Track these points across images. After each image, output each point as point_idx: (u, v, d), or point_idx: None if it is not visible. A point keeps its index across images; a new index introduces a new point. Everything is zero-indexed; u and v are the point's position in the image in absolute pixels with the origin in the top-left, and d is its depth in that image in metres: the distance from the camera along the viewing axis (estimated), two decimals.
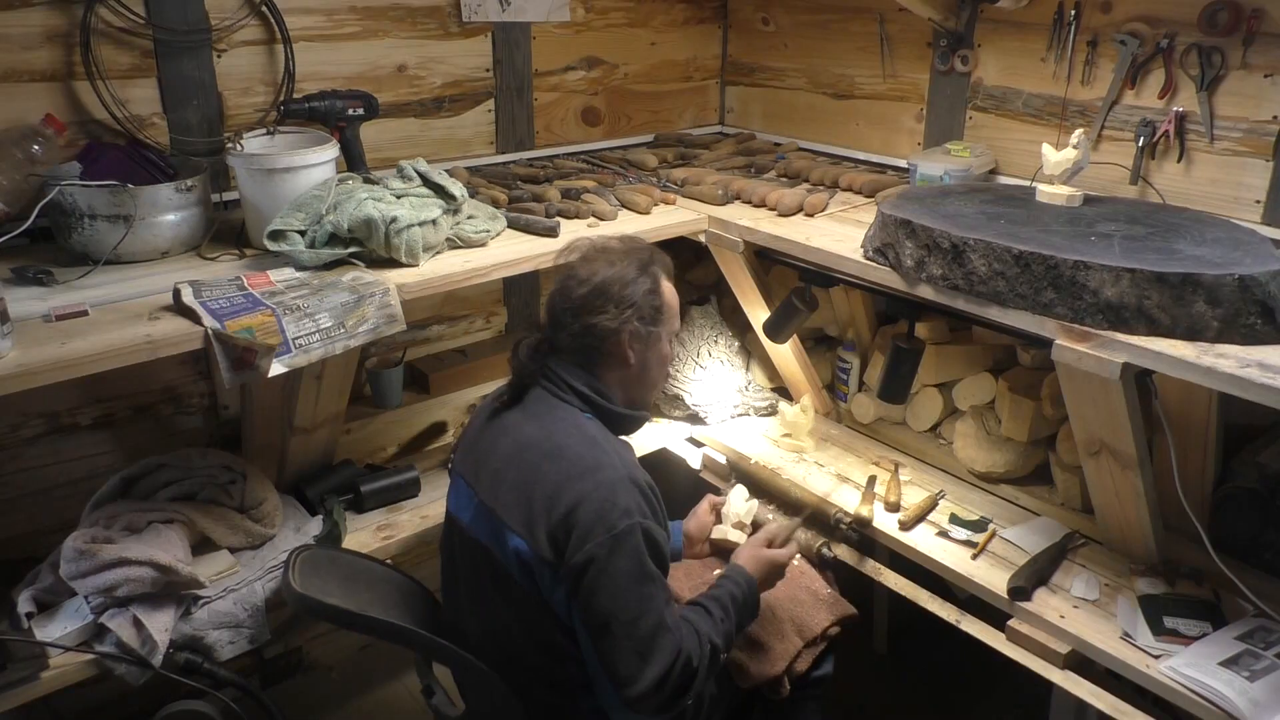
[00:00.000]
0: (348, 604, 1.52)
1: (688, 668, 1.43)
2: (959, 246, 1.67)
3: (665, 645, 1.41)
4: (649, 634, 1.40)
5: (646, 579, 1.42)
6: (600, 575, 1.39)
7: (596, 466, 1.46)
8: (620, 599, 1.40)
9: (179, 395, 2.16)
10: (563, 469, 1.47)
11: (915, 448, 2.31)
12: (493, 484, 1.54)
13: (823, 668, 1.82)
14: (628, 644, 1.39)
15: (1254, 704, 1.45)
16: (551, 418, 1.54)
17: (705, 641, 1.47)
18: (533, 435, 1.53)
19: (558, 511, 1.43)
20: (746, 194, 2.30)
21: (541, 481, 1.47)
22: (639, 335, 1.56)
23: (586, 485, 1.44)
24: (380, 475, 2.11)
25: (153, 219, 1.76)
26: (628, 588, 1.40)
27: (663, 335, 1.61)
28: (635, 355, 1.57)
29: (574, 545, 1.41)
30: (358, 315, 1.66)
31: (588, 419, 1.56)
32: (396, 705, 2.49)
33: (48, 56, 1.86)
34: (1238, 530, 1.81)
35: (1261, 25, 1.87)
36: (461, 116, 2.50)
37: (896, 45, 2.56)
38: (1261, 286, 1.47)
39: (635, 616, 1.40)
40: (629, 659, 1.39)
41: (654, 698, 1.40)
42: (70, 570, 1.60)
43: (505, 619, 1.54)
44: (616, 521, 1.41)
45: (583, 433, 1.52)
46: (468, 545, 1.58)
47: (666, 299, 1.61)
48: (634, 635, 1.39)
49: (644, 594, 1.41)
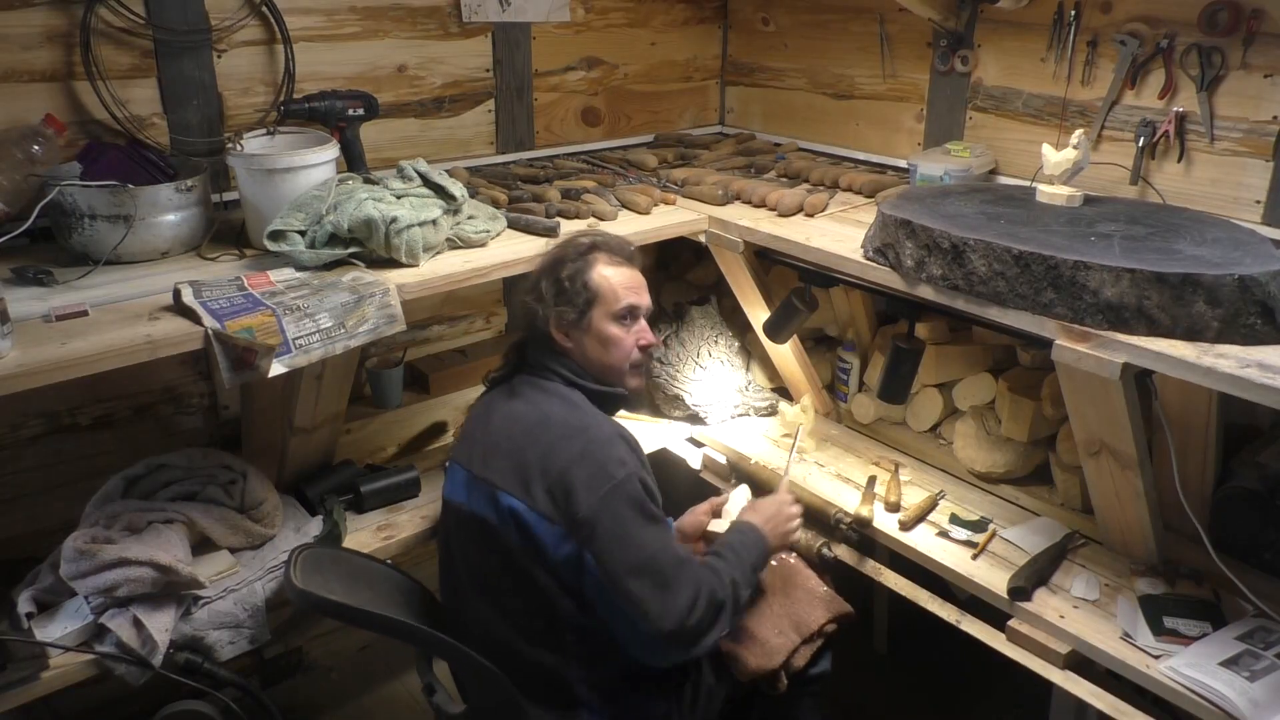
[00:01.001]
0: (349, 601, 1.53)
1: (713, 599, 1.50)
2: (959, 247, 1.67)
3: (686, 577, 1.49)
4: (669, 569, 1.48)
5: (651, 519, 1.52)
6: (612, 525, 1.48)
7: (584, 427, 1.58)
8: (635, 542, 1.48)
9: (179, 395, 2.16)
10: (553, 431, 1.57)
11: (915, 448, 2.31)
12: (485, 457, 1.63)
13: (820, 665, 1.83)
14: (650, 582, 1.47)
15: (1254, 704, 1.45)
16: (537, 392, 1.67)
17: (725, 576, 1.56)
18: (520, 409, 1.65)
19: (553, 469, 1.52)
20: (746, 194, 2.30)
21: (533, 445, 1.56)
22: (565, 319, 1.67)
23: (579, 443, 1.54)
24: (380, 475, 2.11)
25: (153, 219, 1.76)
26: (639, 532, 1.49)
27: (594, 317, 1.68)
28: (571, 340, 1.69)
29: (578, 501, 1.49)
30: (358, 315, 1.66)
31: (571, 390, 1.67)
32: (396, 705, 2.49)
33: (48, 56, 1.86)
34: (1238, 530, 1.81)
35: (1261, 25, 1.87)
36: (461, 117, 2.50)
37: (896, 45, 2.56)
38: (1261, 286, 1.47)
39: (653, 554, 1.48)
40: (655, 596, 1.46)
41: (686, 629, 1.46)
42: (70, 570, 1.60)
43: (505, 589, 1.58)
44: (615, 472, 1.51)
45: (567, 400, 1.64)
46: (464, 523, 1.65)
47: (595, 283, 1.69)
48: (655, 571, 1.47)
49: (652, 535, 1.51)
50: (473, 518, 1.63)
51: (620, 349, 1.71)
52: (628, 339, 1.71)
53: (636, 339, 1.73)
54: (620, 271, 1.72)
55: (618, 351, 1.70)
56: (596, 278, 1.69)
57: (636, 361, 1.74)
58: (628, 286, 1.71)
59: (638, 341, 1.73)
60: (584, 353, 1.70)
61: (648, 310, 1.75)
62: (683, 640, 1.48)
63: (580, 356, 1.70)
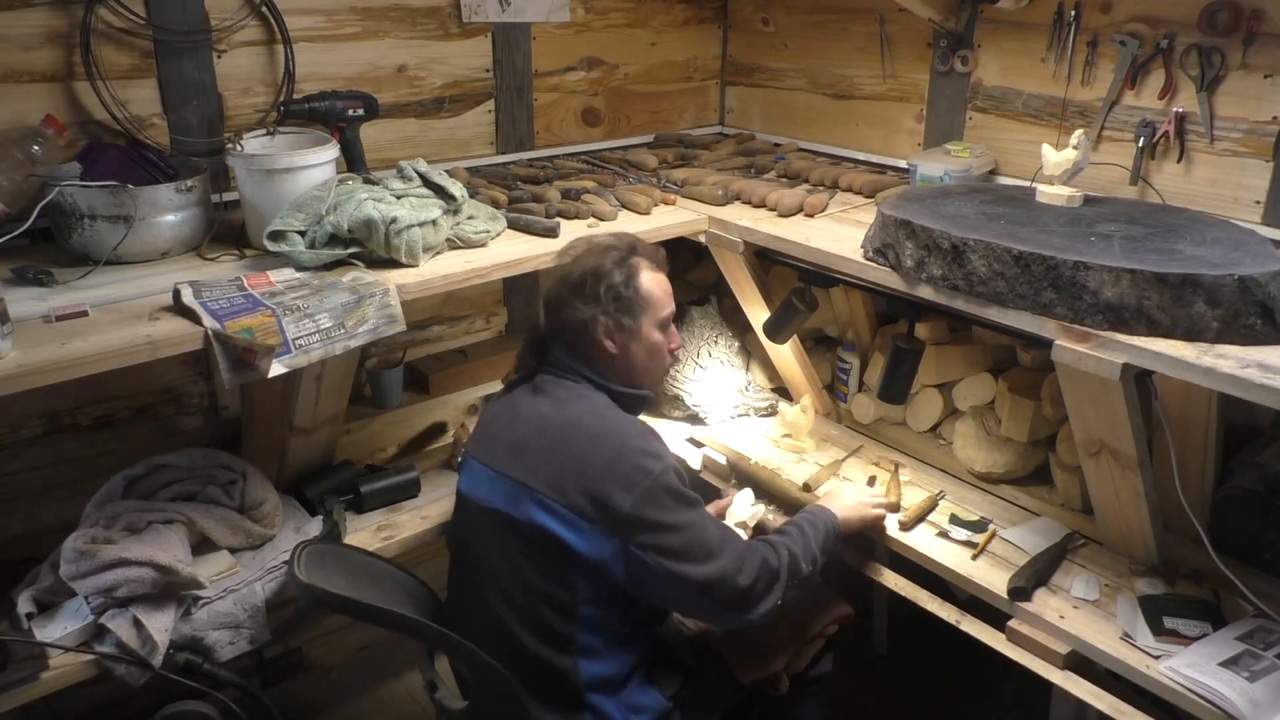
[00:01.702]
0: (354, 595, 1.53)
1: (767, 564, 1.58)
2: (959, 247, 1.67)
3: (731, 546, 1.56)
4: (713, 541, 1.54)
5: (692, 504, 1.57)
6: (656, 514, 1.51)
7: (615, 427, 1.60)
8: (680, 526, 1.53)
9: (179, 395, 2.16)
10: (586, 434, 1.59)
11: (915, 448, 2.31)
12: (512, 455, 1.63)
13: (821, 666, 1.85)
14: (700, 557, 1.52)
15: (1254, 704, 1.45)
16: (564, 393, 1.66)
17: (781, 548, 1.63)
18: (548, 411, 1.65)
19: (590, 472, 1.54)
20: (746, 194, 2.30)
21: (567, 447, 1.58)
22: (615, 326, 1.66)
23: (614, 444, 1.56)
24: (380, 476, 2.11)
25: (153, 219, 1.76)
26: (680, 517, 1.53)
27: (644, 325, 1.68)
28: (616, 345, 1.67)
29: (619, 500, 1.51)
30: (358, 316, 1.66)
31: (596, 392, 1.67)
32: (396, 705, 2.49)
33: (48, 57, 1.86)
34: (1238, 530, 1.81)
35: (1261, 26, 1.88)
36: (461, 117, 2.50)
37: (896, 45, 2.56)
38: (1261, 287, 1.47)
39: (698, 534, 1.54)
40: (704, 568, 1.52)
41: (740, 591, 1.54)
42: (70, 570, 1.60)
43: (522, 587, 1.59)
44: (651, 466, 1.54)
45: (591, 402, 1.65)
46: (487, 519, 1.64)
47: (646, 290, 1.68)
48: (702, 547, 1.53)
49: (696, 517, 1.55)
50: (496, 514, 1.61)
51: (660, 355, 1.72)
52: (665, 344, 1.72)
53: (670, 343, 1.74)
54: (660, 278, 1.72)
55: (659, 356, 1.72)
56: (647, 284, 1.68)
57: (667, 366, 1.78)
58: (668, 293, 1.72)
59: (670, 346, 1.74)
60: (630, 360, 1.68)
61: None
62: (738, 603, 1.55)
63: (623, 361, 1.68)
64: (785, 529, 1.73)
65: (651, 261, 1.71)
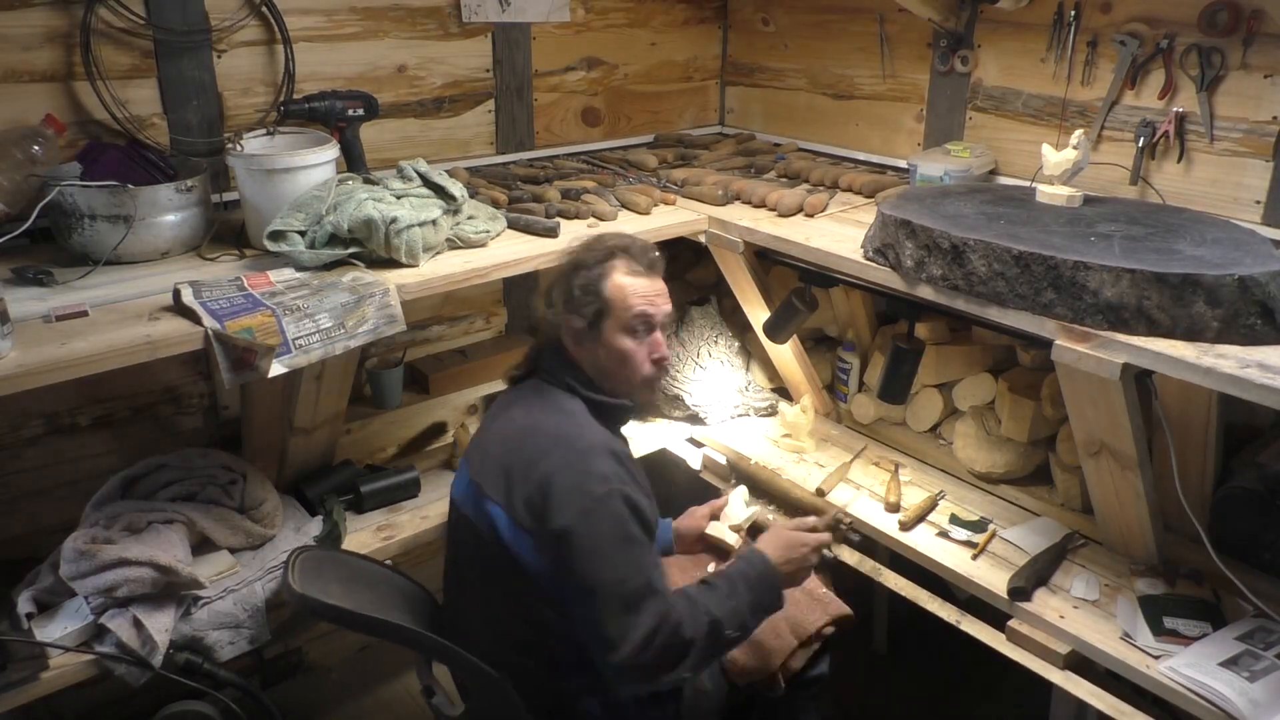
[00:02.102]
0: (348, 604, 1.53)
1: (677, 634, 1.42)
2: (959, 247, 1.67)
3: (651, 607, 1.40)
4: (634, 596, 1.41)
5: (630, 542, 1.44)
6: (583, 540, 1.42)
7: (571, 437, 1.53)
8: (604, 562, 1.42)
9: (179, 395, 2.16)
10: (540, 440, 1.53)
11: (915, 448, 2.31)
12: (480, 460, 1.61)
13: (819, 667, 1.82)
14: (612, 606, 1.40)
15: (1254, 704, 1.45)
16: (539, 399, 1.63)
17: (702, 613, 1.46)
18: (516, 415, 1.62)
19: (534, 479, 1.48)
20: (746, 194, 2.30)
21: (520, 451, 1.53)
22: (576, 329, 1.61)
23: (561, 454, 1.49)
24: (380, 475, 2.11)
25: (153, 219, 1.76)
26: (611, 551, 1.42)
27: (606, 328, 1.60)
28: (584, 349, 1.63)
29: (553, 512, 1.44)
30: (358, 316, 1.66)
31: (571, 399, 1.62)
32: (396, 705, 2.49)
33: (48, 57, 1.86)
34: (1238, 530, 1.81)
35: (1261, 26, 1.87)
36: (461, 117, 2.50)
37: (896, 45, 2.56)
38: (1261, 287, 1.47)
39: (620, 578, 1.41)
40: (615, 621, 1.40)
41: (641, 659, 1.39)
42: (70, 571, 1.60)
43: (494, 594, 1.57)
44: (594, 488, 1.45)
45: (561, 409, 1.59)
46: (460, 523, 1.65)
47: (609, 293, 1.59)
48: (619, 596, 1.40)
49: (628, 558, 1.43)
50: (464, 520, 1.62)
51: (632, 363, 1.61)
52: (640, 351, 1.62)
53: (650, 351, 1.63)
54: (637, 280, 1.62)
55: (629, 365, 1.61)
56: (610, 286, 1.60)
57: (649, 376, 1.64)
58: (641, 295, 1.61)
59: (651, 354, 1.63)
60: (596, 364, 1.62)
61: (665, 320, 1.65)
62: (635, 673, 1.41)
63: (592, 368, 1.63)
64: (717, 584, 1.53)
65: (635, 264, 1.62)
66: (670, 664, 1.42)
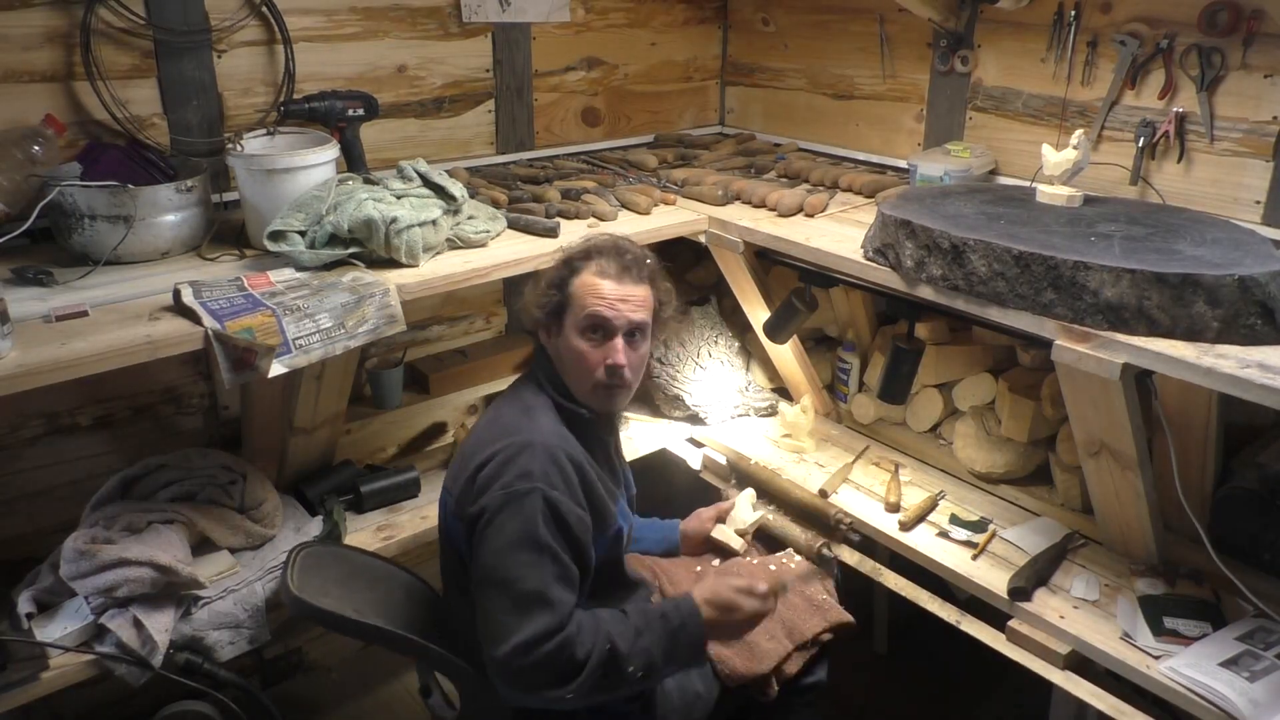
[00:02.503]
0: (343, 607, 1.54)
1: (566, 650, 1.37)
2: (959, 247, 1.67)
3: (540, 616, 1.37)
4: (524, 600, 1.38)
5: (536, 546, 1.41)
6: (487, 528, 1.42)
7: (515, 430, 1.52)
8: (502, 556, 1.41)
9: (179, 395, 2.16)
10: (491, 431, 1.55)
11: (915, 448, 2.31)
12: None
13: (815, 674, 1.80)
14: (499, 603, 1.39)
15: (1254, 704, 1.45)
16: (513, 394, 1.65)
17: (604, 638, 1.41)
18: (492, 409, 1.65)
19: (471, 466, 1.50)
20: (746, 194, 2.30)
21: (474, 442, 1.55)
22: (536, 320, 1.64)
23: (499, 445, 1.50)
24: (380, 475, 2.11)
25: (153, 219, 1.76)
26: (512, 548, 1.40)
27: (565, 324, 1.59)
28: (549, 344, 1.65)
29: (472, 497, 1.46)
30: (358, 316, 1.66)
31: (538, 396, 1.61)
32: (396, 705, 2.49)
33: (48, 57, 1.86)
34: (1238, 530, 1.81)
35: (1261, 26, 1.87)
36: (461, 117, 2.50)
37: (896, 45, 2.56)
38: (1261, 287, 1.47)
39: (512, 578, 1.39)
40: (498, 618, 1.39)
41: (517, 665, 1.36)
42: (70, 571, 1.60)
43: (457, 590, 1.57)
44: (514, 481, 1.44)
45: (523, 403, 1.60)
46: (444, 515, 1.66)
47: (575, 289, 1.57)
48: (507, 596, 1.39)
49: (528, 560, 1.40)
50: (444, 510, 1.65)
51: (582, 365, 1.57)
52: (593, 355, 1.56)
53: (605, 356, 1.56)
54: (603, 282, 1.56)
55: (580, 366, 1.57)
56: (575, 284, 1.57)
57: (599, 381, 1.57)
58: (601, 296, 1.55)
59: (605, 359, 1.56)
60: (560, 360, 1.62)
61: (627, 327, 1.57)
62: (513, 677, 1.37)
63: (558, 363, 1.63)
64: (630, 614, 1.48)
65: (607, 266, 1.58)
66: (553, 680, 1.38)
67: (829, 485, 2.12)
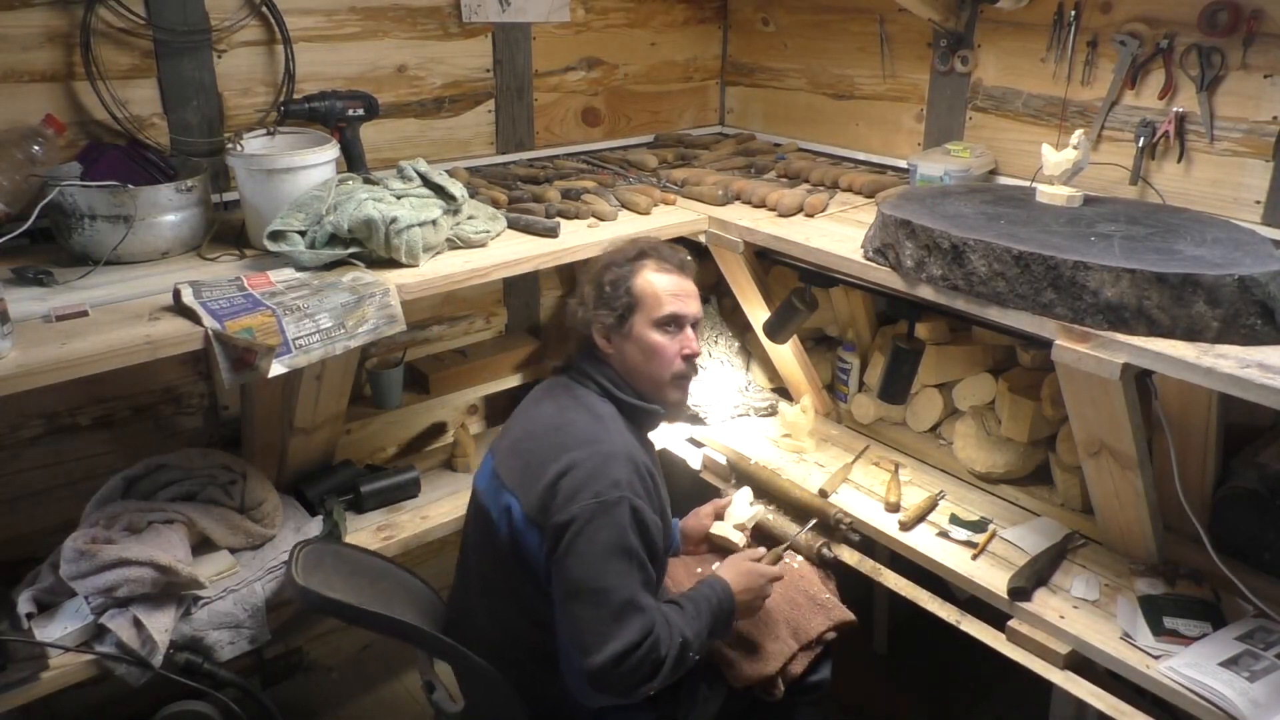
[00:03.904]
0: (350, 599, 1.53)
1: (654, 653, 1.42)
2: (959, 247, 1.67)
3: (634, 623, 1.41)
4: (618, 608, 1.41)
5: (626, 554, 1.44)
6: (578, 538, 1.43)
7: (596, 439, 1.53)
8: (595, 566, 1.42)
9: (179, 395, 2.16)
10: (564, 437, 1.54)
11: (915, 448, 2.31)
12: (506, 454, 1.62)
13: (819, 673, 1.81)
14: (595, 613, 1.41)
15: (1254, 704, 1.45)
16: (568, 396, 1.64)
17: (676, 634, 1.48)
18: (547, 410, 1.64)
19: (550, 473, 1.48)
20: (746, 194, 2.30)
21: (543, 447, 1.54)
22: (607, 325, 1.64)
23: (583, 453, 1.50)
24: (380, 476, 2.11)
25: (153, 219, 1.76)
26: (605, 557, 1.42)
27: (636, 323, 1.63)
28: (614, 347, 1.65)
29: (559, 505, 1.45)
30: (358, 316, 1.66)
31: (603, 402, 1.63)
32: (396, 705, 2.49)
33: (48, 57, 1.86)
34: (1238, 530, 1.81)
35: (1261, 26, 1.87)
36: (461, 117, 2.50)
37: (896, 45, 2.56)
38: (1261, 287, 1.47)
39: (607, 587, 1.42)
40: (594, 628, 1.40)
41: (614, 672, 1.40)
42: (70, 571, 1.60)
43: (500, 589, 1.57)
44: (605, 490, 1.45)
45: (592, 410, 1.60)
46: (476, 515, 1.65)
47: (639, 288, 1.64)
48: (603, 605, 1.41)
49: (620, 568, 1.43)
50: (482, 511, 1.63)
51: (663, 357, 1.64)
52: (671, 346, 1.65)
53: (681, 347, 1.66)
54: (668, 278, 1.67)
55: (660, 360, 1.64)
56: (640, 283, 1.64)
57: (679, 372, 1.67)
58: (673, 293, 1.66)
59: (682, 350, 1.66)
60: (624, 360, 1.65)
61: (694, 320, 1.70)
62: (606, 684, 1.41)
63: (621, 364, 1.66)
64: (685, 605, 1.56)
65: (665, 264, 1.68)
66: (641, 681, 1.43)
67: (829, 485, 2.12)
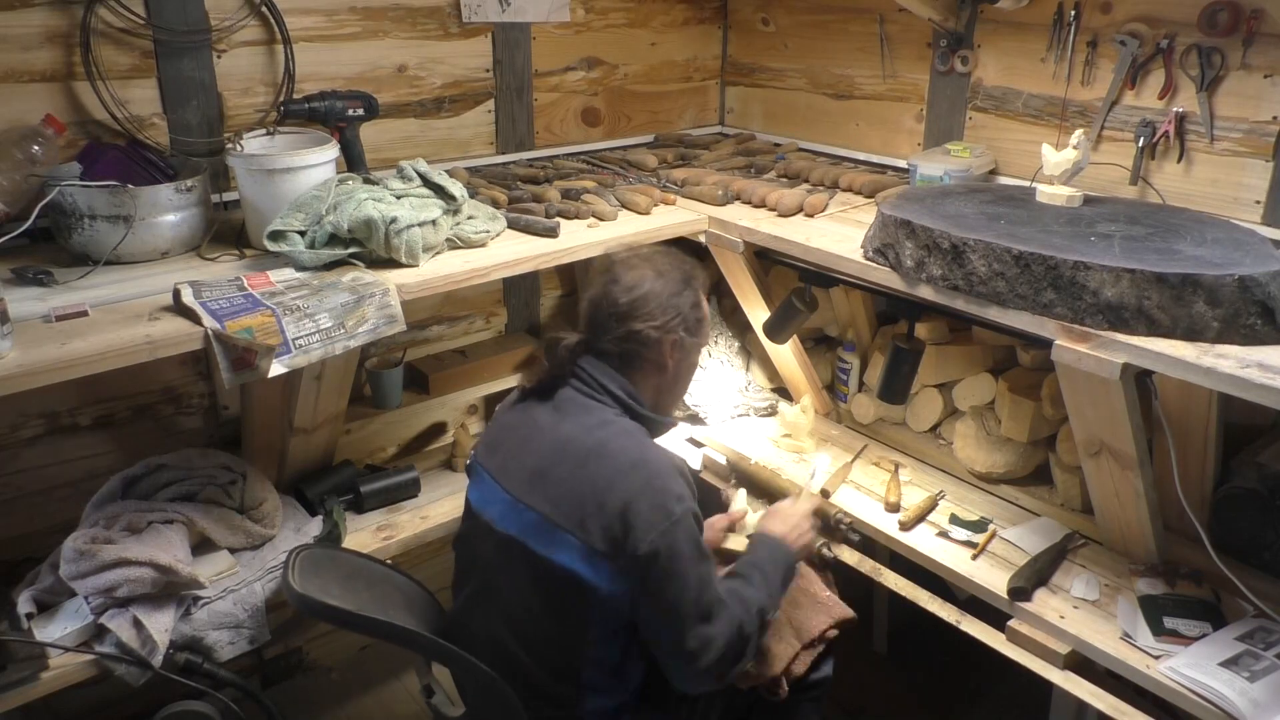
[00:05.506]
0: (347, 604, 1.52)
1: (742, 634, 1.52)
2: (959, 247, 1.67)
3: (724, 616, 1.50)
4: (710, 610, 1.49)
5: (703, 558, 1.51)
6: (670, 562, 1.46)
7: (643, 460, 1.52)
8: (688, 581, 1.47)
9: (179, 395, 2.16)
10: (611, 465, 1.51)
11: (915, 448, 2.31)
12: (533, 483, 1.55)
13: (821, 670, 1.81)
14: (693, 620, 1.47)
15: (1254, 704, 1.45)
16: (588, 416, 1.57)
17: (754, 608, 1.56)
18: (572, 433, 1.55)
19: (613, 505, 1.47)
20: (746, 194, 2.30)
21: (591, 478, 1.50)
22: (680, 344, 1.64)
23: (639, 478, 1.49)
24: (380, 476, 2.11)
25: (153, 219, 1.76)
26: (691, 569, 1.48)
27: (699, 347, 1.70)
28: (673, 363, 1.65)
29: (638, 537, 1.45)
30: (358, 316, 1.66)
31: (620, 417, 1.60)
32: (396, 705, 2.49)
33: (48, 57, 1.86)
34: (1238, 530, 1.81)
35: (1261, 26, 1.87)
36: (461, 117, 2.50)
37: (896, 45, 2.56)
38: (1261, 287, 1.47)
39: (699, 595, 1.48)
40: (695, 633, 1.47)
41: (718, 667, 1.49)
42: (70, 571, 1.60)
43: (530, 616, 1.55)
44: (674, 509, 1.48)
45: (621, 428, 1.57)
46: (498, 539, 1.57)
47: (706, 313, 1.71)
48: (699, 612, 1.47)
49: (702, 573, 1.49)
50: (513, 542, 1.55)
51: (691, 377, 1.76)
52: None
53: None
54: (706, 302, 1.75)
55: (690, 379, 1.75)
56: (706, 308, 1.72)
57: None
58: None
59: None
60: (677, 381, 1.69)
61: None
62: (713, 675, 1.50)
63: (668, 384, 1.67)
64: (751, 575, 1.61)
65: (706, 286, 1.73)
66: (736, 661, 1.52)
67: (829, 485, 2.12)
